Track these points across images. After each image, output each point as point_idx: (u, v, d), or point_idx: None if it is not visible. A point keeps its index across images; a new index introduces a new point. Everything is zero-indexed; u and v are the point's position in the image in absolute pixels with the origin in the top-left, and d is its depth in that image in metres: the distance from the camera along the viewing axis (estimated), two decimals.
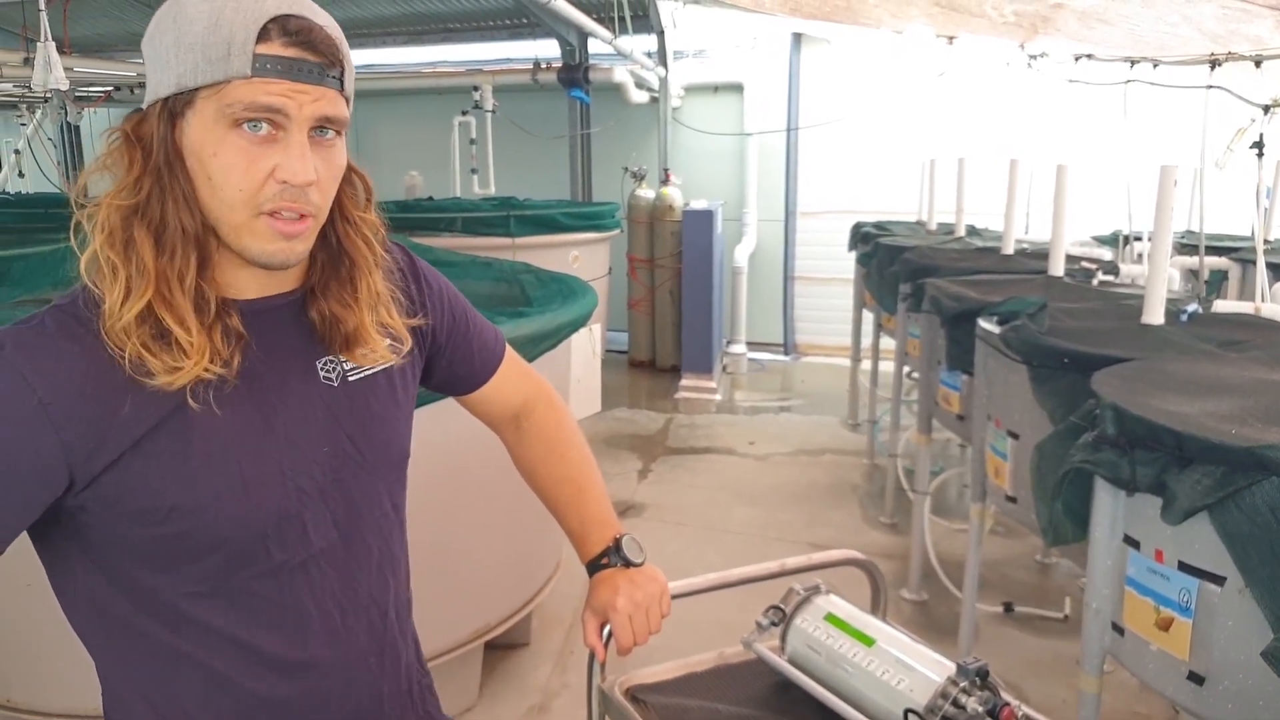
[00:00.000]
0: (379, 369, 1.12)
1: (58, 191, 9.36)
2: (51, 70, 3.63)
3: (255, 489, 0.99)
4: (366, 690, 1.13)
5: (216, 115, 0.91)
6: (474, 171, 7.74)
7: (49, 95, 6.52)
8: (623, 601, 1.28)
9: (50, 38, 3.70)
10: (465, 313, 1.30)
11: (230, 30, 0.89)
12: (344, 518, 1.08)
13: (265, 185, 0.93)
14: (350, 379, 1.09)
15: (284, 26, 0.91)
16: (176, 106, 0.92)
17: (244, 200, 0.93)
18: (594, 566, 1.35)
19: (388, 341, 1.11)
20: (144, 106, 0.95)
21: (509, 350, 1.39)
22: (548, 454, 1.41)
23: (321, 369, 1.07)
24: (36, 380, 0.89)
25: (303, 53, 0.92)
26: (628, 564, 1.34)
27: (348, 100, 0.98)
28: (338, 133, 0.98)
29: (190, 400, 0.94)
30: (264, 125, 0.91)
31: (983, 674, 1.25)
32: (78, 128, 10.29)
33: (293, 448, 1.03)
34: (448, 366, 1.29)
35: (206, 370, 0.93)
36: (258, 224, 0.94)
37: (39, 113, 7.85)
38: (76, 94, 7.87)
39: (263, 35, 0.90)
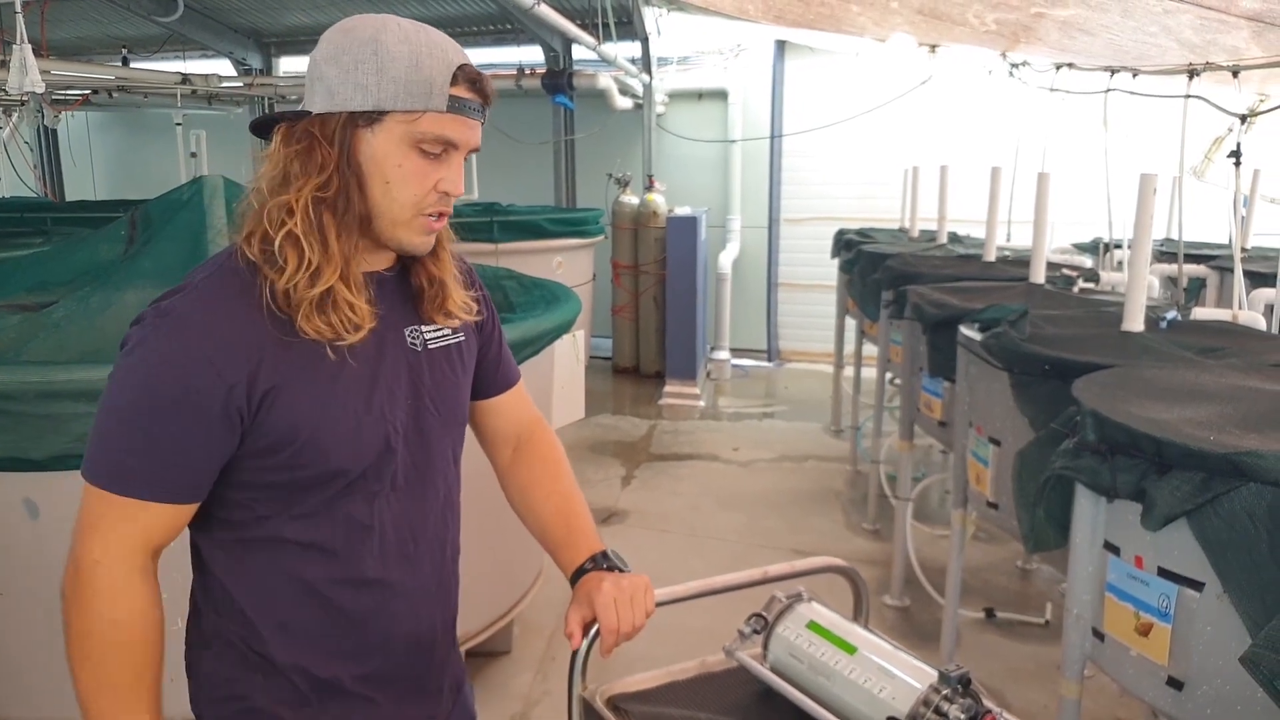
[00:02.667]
0: (450, 343, 1.32)
1: (34, 195, 9.28)
2: (28, 73, 3.59)
3: (365, 426, 1.19)
4: (426, 615, 1.32)
5: (404, 136, 1.13)
6: None
7: (25, 98, 6.46)
8: (608, 586, 1.29)
9: (26, 40, 3.66)
10: (499, 326, 1.50)
11: (431, 72, 1.12)
12: (422, 460, 1.28)
13: (429, 193, 1.17)
14: (430, 347, 1.29)
15: (466, 74, 1.15)
16: (362, 120, 1.12)
17: (413, 203, 1.17)
18: (579, 573, 1.35)
19: (463, 301, 1.32)
20: (317, 111, 1.13)
21: (521, 381, 1.57)
22: (542, 469, 1.50)
23: (408, 336, 1.27)
24: (199, 338, 1.09)
25: (476, 96, 1.17)
26: (612, 569, 1.34)
27: None
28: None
29: (330, 353, 1.15)
30: (438, 148, 1.15)
31: (964, 681, 1.25)
32: (55, 131, 10.21)
33: (390, 395, 1.22)
34: (478, 364, 1.43)
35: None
36: (416, 222, 1.19)
37: (15, 116, 7.77)
38: (54, 97, 7.79)
39: (453, 79, 1.14)
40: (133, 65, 8.17)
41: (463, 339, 1.35)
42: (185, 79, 7.45)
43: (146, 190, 4.89)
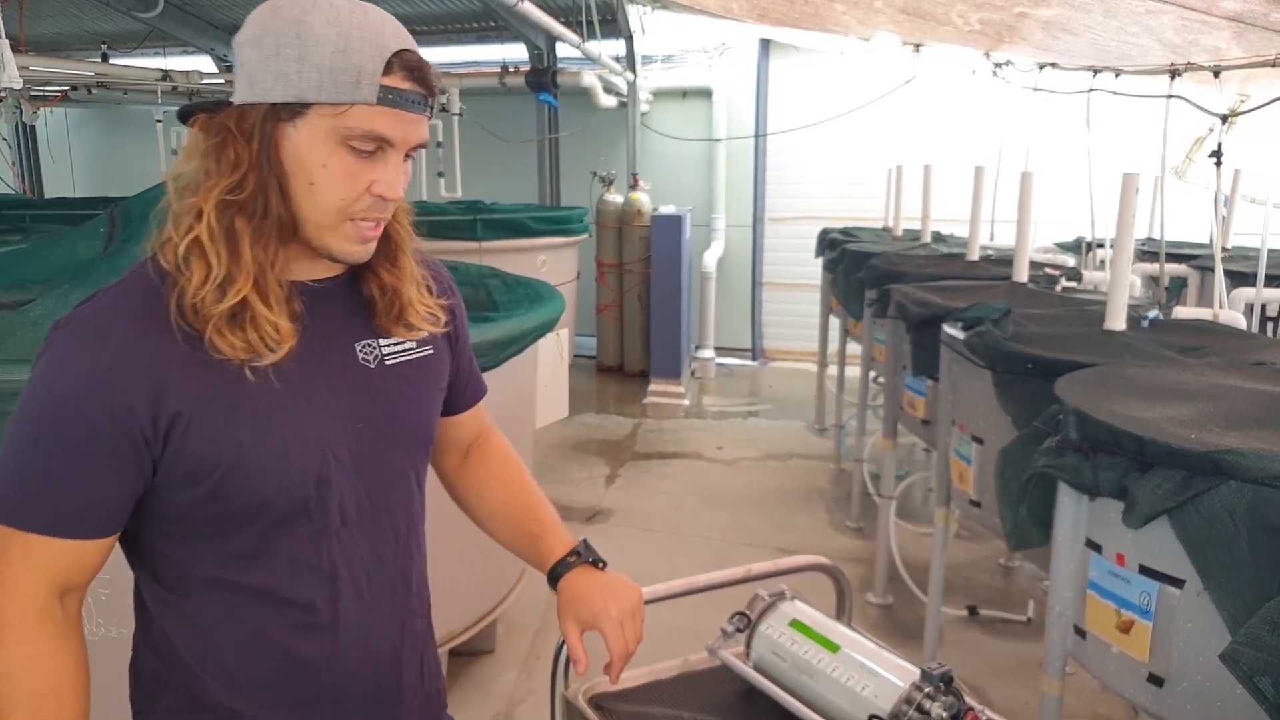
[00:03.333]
0: (413, 358, 1.20)
1: (12, 192, 9.19)
2: (5, 68, 3.55)
3: (295, 454, 1.06)
4: (388, 658, 1.20)
5: (330, 131, 1.00)
6: (441, 175, 7.67)
7: (3, 94, 6.39)
8: (615, 610, 1.25)
9: (4, 36, 3.62)
10: (468, 341, 1.37)
11: (359, 59, 0.98)
12: (375, 491, 1.16)
13: (361, 197, 1.04)
14: (387, 363, 1.17)
15: (404, 61, 1.01)
16: (284, 113, 0.99)
17: (341, 207, 1.03)
18: (562, 566, 1.31)
19: (426, 312, 1.20)
20: (237, 101, 1.01)
21: None
22: (501, 468, 1.43)
23: (360, 351, 1.15)
24: (94, 355, 0.98)
25: (416, 86, 1.03)
26: (596, 562, 1.32)
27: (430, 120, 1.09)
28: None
29: (249, 374, 1.02)
30: (370, 145, 1.02)
31: (947, 679, 1.25)
32: (33, 127, 10.10)
33: (331, 419, 1.10)
34: (450, 380, 1.32)
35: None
36: (344, 227, 1.05)
37: None
38: (32, 93, 7.71)
39: (387, 68, 1.00)
40: (112, 61, 8.09)
41: (430, 352, 1.23)
42: (166, 75, 7.37)
43: (126, 187, 4.85)
